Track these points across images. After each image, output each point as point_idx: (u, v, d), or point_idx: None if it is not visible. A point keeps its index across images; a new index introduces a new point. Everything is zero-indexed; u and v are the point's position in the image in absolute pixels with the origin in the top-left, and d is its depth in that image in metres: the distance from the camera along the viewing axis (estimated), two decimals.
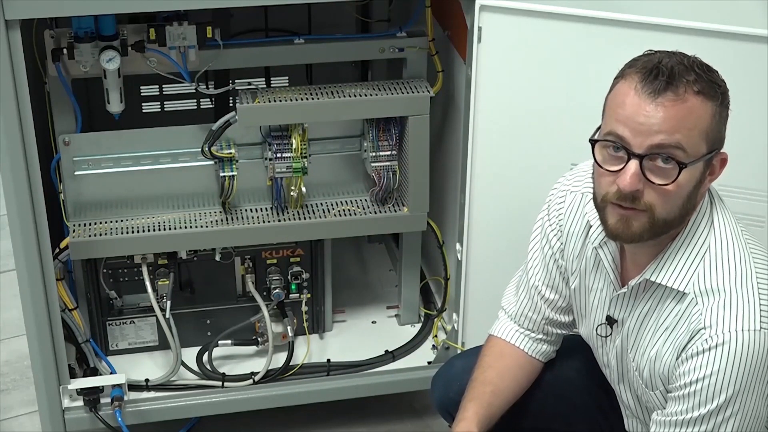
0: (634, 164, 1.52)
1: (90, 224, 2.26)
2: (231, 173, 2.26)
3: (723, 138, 1.58)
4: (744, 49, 1.88)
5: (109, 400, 2.26)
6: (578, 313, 1.86)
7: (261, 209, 2.34)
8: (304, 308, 2.45)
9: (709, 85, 1.53)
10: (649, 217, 1.55)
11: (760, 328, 1.54)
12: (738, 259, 1.59)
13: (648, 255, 1.65)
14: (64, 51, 2.09)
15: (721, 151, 1.59)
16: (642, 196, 1.54)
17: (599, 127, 1.60)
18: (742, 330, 1.54)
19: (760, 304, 1.55)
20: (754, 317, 1.54)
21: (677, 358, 1.60)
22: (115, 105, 2.19)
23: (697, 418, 1.58)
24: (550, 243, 1.84)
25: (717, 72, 1.56)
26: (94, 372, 2.32)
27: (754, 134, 1.93)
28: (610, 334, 1.77)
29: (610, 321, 1.75)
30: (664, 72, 1.51)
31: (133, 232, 2.25)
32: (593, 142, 1.58)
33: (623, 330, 1.73)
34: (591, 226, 1.74)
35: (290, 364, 2.39)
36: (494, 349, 1.94)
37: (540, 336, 1.92)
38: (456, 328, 2.35)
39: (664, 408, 1.66)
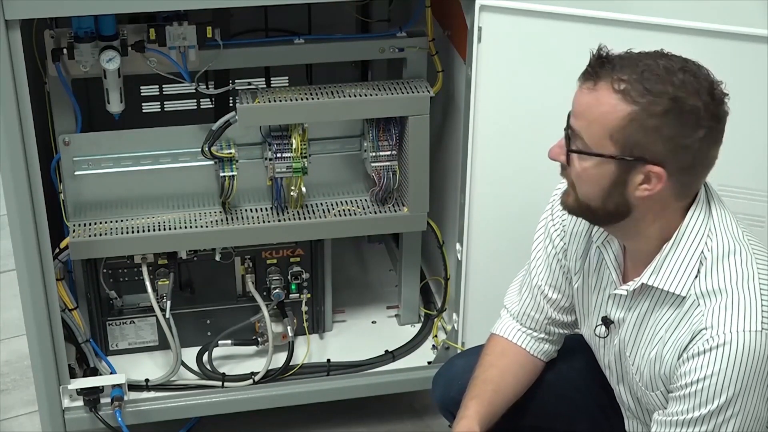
0: (562, 137, 1.61)
1: (90, 224, 2.26)
2: (231, 173, 2.26)
3: (653, 150, 1.52)
4: (744, 49, 1.88)
5: (109, 400, 2.26)
6: (580, 313, 1.86)
7: (261, 209, 2.34)
8: (304, 308, 2.45)
9: (642, 92, 1.50)
10: (574, 194, 1.62)
11: (762, 328, 1.54)
12: (739, 259, 1.59)
13: (643, 253, 1.65)
14: (64, 51, 2.09)
15: (660, 165, 1.53)
16: (566, 171, 1.62)
17: None
18: (744, 330, 1.54)
19: (762, 305, 1.55)
20: (755, 318, 1.54)
21: (679, 358, 1.60)
22: (115, 105, 2.19)
23: (698, 418, 1.58)
24: (554, 243, 1.84)
25: (680, 85, 1.50)
26: (94, 372, 2.32)
27: (754, 134, 1.93)
28: (608, 335, 1.77)
29: (606, 322, 1.75)
30: (592, 62, 1.56)
31: (133, 232, 2.25)
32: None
33: (621, 331, 1.73)
34: (594, 226, 1.74)
35: (290, 364, 2.39)
36: (496, 347, 1.94)
37: (542, 335, 1.92)
38: (456, 328, 2.35)
39: (665, 408, 1.66)
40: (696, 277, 1.60)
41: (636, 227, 1.62)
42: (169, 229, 2.26)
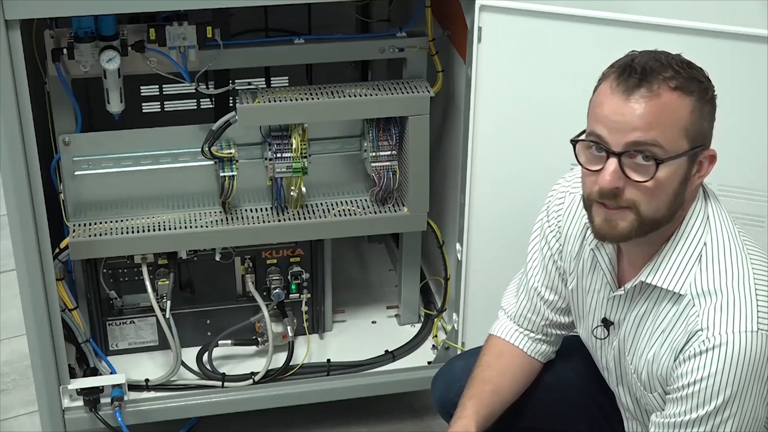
0: (612, 162, 1.53)
1: (90, 224, 2.26)
2: (231, 173, 2.26)
3: (708, 134, 1.57)
4: (744, 49, 1.88)
5: (109, 400, 2.26)
6: (576, 315, 1.86)
7: (261, 209, 2.34)
8: (304, 308, 2.45)
9: (688, 81, 1.53)
10: (635, 214, 1.56)
11: (758, 329, 1.54)
12: (735, 259, 1.59)
13: (643, 255, 1.65)
14: (64, 51, 2.09)
15: (709, 147, 1.58)
16: (623, 194, 1.55)
17: (584, 130, 1.61)
18: (740, 331, 1.54)
19: (758, 305, 1.55)
20: (751, 318, 1.54)
21: (675, 360, 1.60)
22: (115, 105, 2.19)
23: (696, 419, 1.58)
24: (549, 244, 1.84)
25: (700, 69, 1.56)
26: (94, 372, 2.32)
27: (754, 134, 1.93)
28: (607, 336, 1.77)
29: (607, 323, 1.75)
30: (636, 69, 1.53)
31: (133, 232, 2.25)
32: (574, 142, 1.60)
33: (620, 332, 1.73)
34: (589, 228, 1.74)
35: (290, 364, 2.39)
36: (494, 348, 1.94)
37: (540, 336, 1.92)
38: (456, 328, 2.35)
39: (663, 410, 1.66)
40: (694, 275, 1.60)
41: (667, 227, 1.61)
42: (169, 229, 2.26)
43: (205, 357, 2.39)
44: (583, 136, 1.59)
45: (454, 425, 1.83)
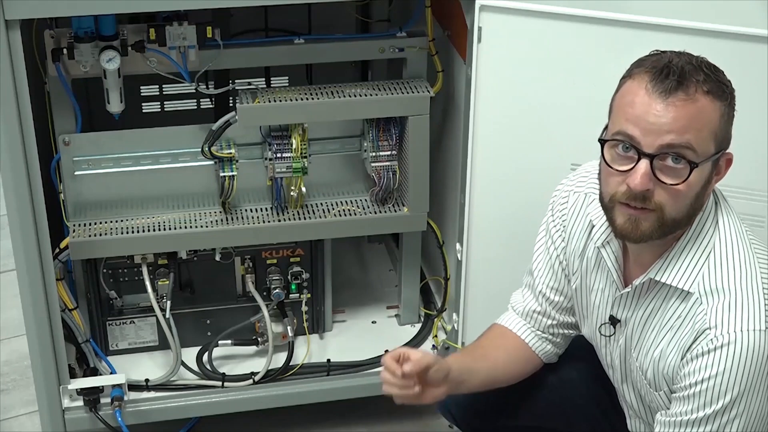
0: (644, 164, 1.52)
1: (90, 224, 2.26)
2: (231, 173, 2.26)
3: (730, 138, 1.59)
4: (744, 49, 1.88)
5: (109, 400, 2.26)
6: (580, 313, 1.86)
7: (261, 209, 2.34)
8: (304, 308, 2.45)
9: (718, 85, 1.54)
10: (658, 216, 1.55)
11: (765, 327, 1.54)
12: (742, 259, 1.59)
13: (652, 254, 1.65)
14: (64, 51, 2.09)
15: (727, 151, 1.59)
16: (652, 196, 1.54)
17: (606, 127, 1.60)
18: (747, 330, 1.54)
19: (765, 304, 1.55)
20: (758, 317, 1.54)
21: (682, 359, 1.60)
22: (115, 105, 2.19)
23: (702, 418, 1.58)
24: (555, 243, 1.84)
25: (723, 72, 1.57)
26: (94, 372, 2.32)
27: (754, 134, 1.93)
28: (614, 333, 1.76)
29: (614, 321, 1.75)
30: (675, 71, 1.51)
31: (133, 232, 2.25)
32: (602, 141, 1.58)
33: (627, 330, 1.73)
34: (594, 226, 1.74)
35: (290, 364, 2.39)
36: (495, 329, 1.93)
37: (546, 336, 1.91)
38: (456, 328, 2.35)
39: (668, 408, 1.66)
40: (702, 273, 1.60)
41: (684, 229, 1.61)
42: (169, 229, 2.26)
43: (205, 357, 2.39)
44: (606, 134, 1.58)
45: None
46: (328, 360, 2.43)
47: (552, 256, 1.85)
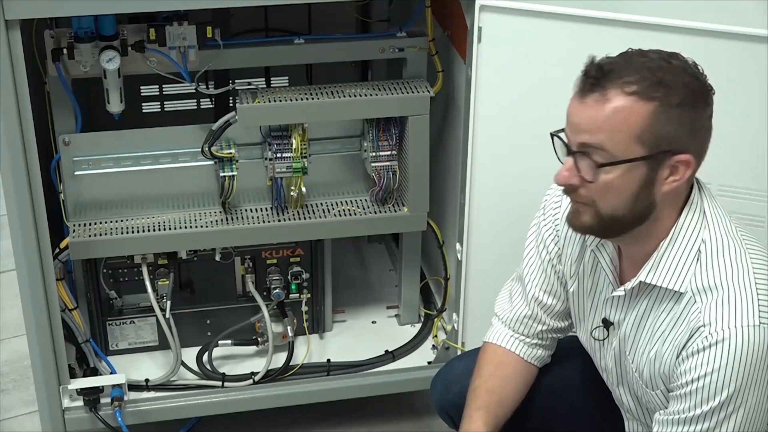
0: (569, 160, 1.58)
1: (90, 224, 2.26)
2: (231, 173, 2.26)
3: (677, 139, 1.54)
4: (744, 49, 1.88)
5: (109, 400, 2.26)
6: (576, 317, 1.86)
7: (261, 209, 2.34)
8: (304, 308, 2.45)
9: (652, 86, 1.51)
10: (594, 211, 1.59)
11: (760, 323, 1.54)
12: (734, 255, 1.59)
13: (641, 255, 1.65)
14: (64, 51, 2.09)
15: (688, 152, 1.55)
16: (578, 191, 1.59)
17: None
18: (742, 326, 1.54)
19: (759, 299, 1.55)
20: (753, 312, 1.55)
21: (678, 357, 1.60)
22: (115, 105, 2.19)
23: (700, 415, 1.58)
24: (548, 248, 1.84)
25: (687, 71, 1.54)
26: (94, 372, 2.32)
27: (754, 134, 1.93)
28: (607, 336, 1.77)
29: (606, 323, 1.75)
30: (592, 72, 1.54)
31: (133, 232, 2.25)
32: (552, 135, 1.63)
33: (620, 332, 1.73)
34: None
35: (290, 364, 2.39)
36: (493, 357, 1.93)
37: (535, 341, 1.91)
38: (456, 328, 2.35)
39: (665, 408, 1.66)
40: (693, 272, 1.60)
41: (650, 228, 1.61)
42: (169, 229, 2.26)
43: (205, 357, 2.39)
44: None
45: None
46: (328, 360, 2.43)
47: (545, 261, 1.85)
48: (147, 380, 2.34)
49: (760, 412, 1.59)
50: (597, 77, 1.54)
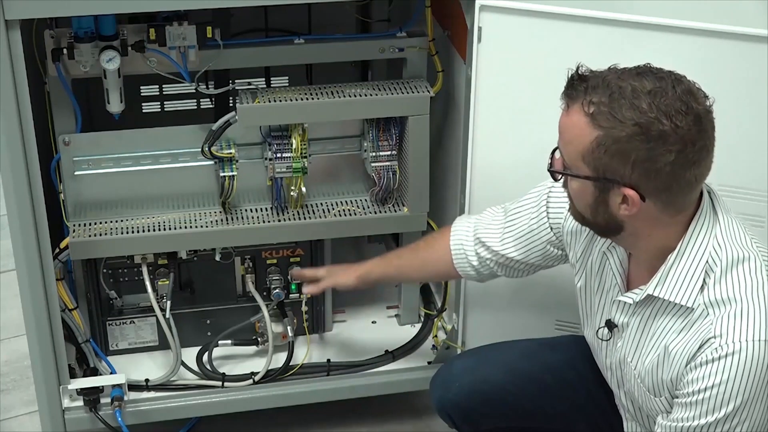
0: (556, 153, 1.63)
1: (90, 224, 2.26)
2: (231, 173, 2.26)
3: (620, 173, 1.52)
4: (744, 49, 1.88)
5: (109, 400, 2.26)
6: (584, 314, 1.85)
7: (261, 209, 2.34)
8: (304, 308, 2.45)
9: (607, 115, 1.50)
10: (573, 207, 1.65)
11: None
12: (749, 268, 1.58)
13: (648, 263, 1.65)
14: (64, 51, 2.09)
15: (630, 189, 1.53)
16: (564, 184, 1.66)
17: None
18: (753, 340, 1.53)
19: None
20: (765, 327, 1.54)
21: (687, 365, 1.59)
22: (115, 105, 2.19)
23: (705, 425, 1.58)
24: (553, 230, 1.88)
25: (663, 112, 1.48)
26: (94, 372, 2.32)
27: (754, 134, 1.93)
28: (611, 338, 1.76)
29: (610, 325, 1.75)
30: (571, 79, 1.57)
31: (133, 232, 2.25)
32: None
33: (625, 335, 1.73)
34: None
35: (290, 364, 2.39)
36: (433, 241, 2.08)
37: (476, 265, 1.99)
38: (456, 328, 2.35)
39: (665, 413, 1.66)
40: (702, 287, 1.59)
41: (634, 240, 1.62)
42: (169, 229, 2.26)
43: (205, 357, 2.39)
44: None
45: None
46: (328, 360, 2.43)
47: (537, 239, 1.91)
48: (147, 380, 2.34)
49: (765, 426, 1.59)
50: (570, 88, 1.56)
